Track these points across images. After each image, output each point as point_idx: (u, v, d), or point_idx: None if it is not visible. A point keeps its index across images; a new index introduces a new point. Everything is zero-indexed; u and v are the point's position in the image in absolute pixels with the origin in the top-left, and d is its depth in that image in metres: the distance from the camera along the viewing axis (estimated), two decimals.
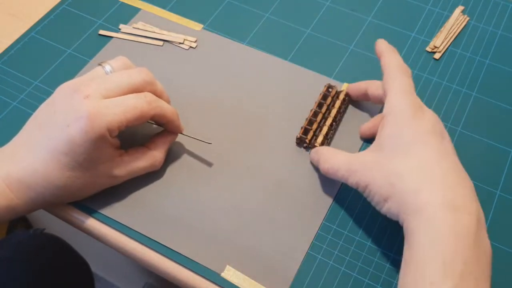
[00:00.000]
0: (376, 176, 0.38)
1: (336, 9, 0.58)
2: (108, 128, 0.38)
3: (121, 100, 0.39)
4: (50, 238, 0.58)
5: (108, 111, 0.38)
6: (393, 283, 0.40)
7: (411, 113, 0.39)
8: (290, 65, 0.53)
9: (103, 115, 0.38)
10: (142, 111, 0.40)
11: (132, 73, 0.41)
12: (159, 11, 0.57)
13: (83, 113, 0.37)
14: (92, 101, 0.38)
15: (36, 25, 0.56)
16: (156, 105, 0.41)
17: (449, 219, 0.34)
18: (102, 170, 0.40)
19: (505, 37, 0.56)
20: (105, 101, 0.38)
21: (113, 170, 0.41)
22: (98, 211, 0.43)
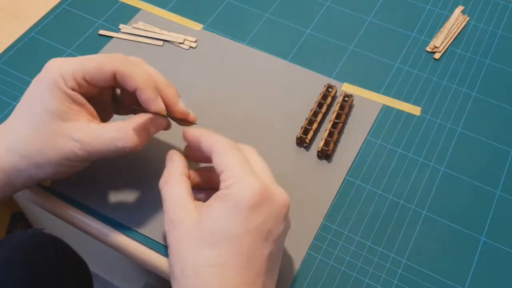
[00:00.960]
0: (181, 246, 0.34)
1: (336, 9, 0.58)
2: (62, 75, 0.37)
3: (83, 56, 0.39)
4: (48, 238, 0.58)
5: (64, 62, 0.37)
6: (393, 283, 0.40)
7: (249, 204, 0.33)
8: (290, 65, 0.53)
9: (58, 61, 0.37)
10: (101, 62, 0.37)
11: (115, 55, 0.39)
12: (159, 11, 0.57)
13: (44, 67, 0.37)
14: (56, 59, 0.38)
15: (36, 25, 0.56)
16: (119, 60, 0.38)
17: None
18: (62, 129, 0.37)
19: (505, 37, 0.56)
20: (67, 58, 0.38)
21: (75, 132, 0.37)
22: (98, 211, 0.43)
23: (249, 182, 0.34)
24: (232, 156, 0.36)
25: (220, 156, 0.36)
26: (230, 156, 0.36)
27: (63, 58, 0.38)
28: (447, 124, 0.49)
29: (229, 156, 0.36)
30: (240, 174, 0.34)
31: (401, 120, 0.49)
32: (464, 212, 0.44)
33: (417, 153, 0.47)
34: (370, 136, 0.48)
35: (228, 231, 0.33)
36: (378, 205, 0.44)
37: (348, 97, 0.49)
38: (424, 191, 0.45)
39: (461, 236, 0.43)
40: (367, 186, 0.45)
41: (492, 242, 0.43)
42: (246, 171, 0.35)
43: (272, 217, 0.34)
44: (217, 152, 0.36)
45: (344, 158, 0.47)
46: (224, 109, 0.49)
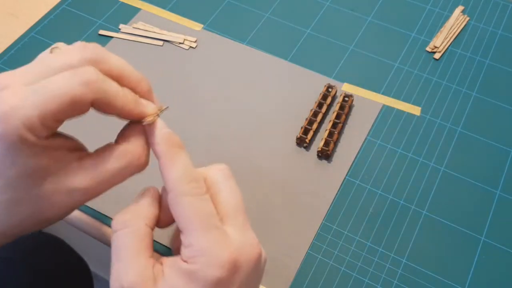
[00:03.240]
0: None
1: (336, 9, 0.58)
2: (26, 126, 0.26)
3: (44, 84, 0.27)
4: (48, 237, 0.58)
5: (24, 103, 0.26)
6: (393, 283, 0.40)
7: (220, 280, 0.28)
8: (290, 65, 0.53)
9: (17, 109, 0.26)
10: (73, 95, 0.27)
11: (71, 49, 0.29)
12: (159, 11, 0.57)
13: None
14: (8, 94, 0.27)
15: (36, 25, 0.56)
16: (99, 87, 0.28)
17: None
18: (53, 185, 0.29)
19: (505, 37, 0.56)
20: (24, 90, 0.27)
21: (70, 181, 0.29)
22: (98, 211, 0.43)
23: (215, 254, 0.28)
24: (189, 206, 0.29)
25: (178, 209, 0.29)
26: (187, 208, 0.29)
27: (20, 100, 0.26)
28: (447, 124, 0.49)
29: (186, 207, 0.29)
30: (204, 244, 0.28)
31: (401, 120, 0.49)
32: (464, 212, 0.44)
33: (417, 153, 0.47)
34: (370, 136, 0.48)
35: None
36: (378, 205, 0.44)
37: (348, 97, 0.49)
38: (424, 191, 0.45)
39: (461, 236, 0.43)
40: (367, 186, 0.45)
41: (492, 242, 0.43)
42: (212, 237, 0.28)
43: (246, 283, 0.29)
44: (175, 202, 0.29)
45: (344, 158, 0.47)
46: (224, 109, 0.49)
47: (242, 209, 0.31)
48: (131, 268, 0.28)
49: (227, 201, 0.31)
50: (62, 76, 0.28)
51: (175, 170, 0.30)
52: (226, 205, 0.31)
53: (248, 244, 0.30)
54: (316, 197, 0.44)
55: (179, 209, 0.29)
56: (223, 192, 0.31)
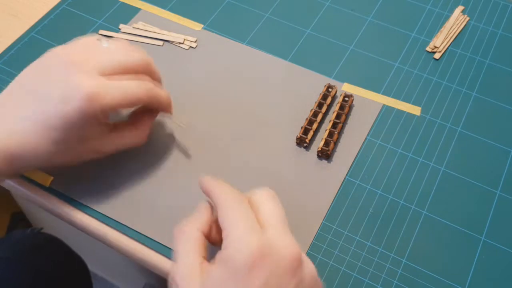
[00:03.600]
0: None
1: (336, 9, 0.58)
2: (104, 110, 0.38)
3: (120, 83, 0.39)
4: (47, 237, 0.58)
5: (106, 93, 0.37)
6: (393, 283, 0.40)
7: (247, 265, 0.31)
8: (290, 65, 0.53)
9: (102, 97, 0.37)
10: (139, 98, 0.40)
11: (130, 51, 0.41)
12: (159, 11, 0.57)
13: (82, 92, 0.36)
14: (91, 80, 0.37)
15: (36, 25, 0.56)
16: (154, 92, 0.41)
17: None
18: (90, 147, 0.40)
19: (505, 37, 0.56)
20: (104, 81, 0.38)
21: (101, 146, 0.41)
22: (98, 211, 0.43)
23: (245, 240, 0.31)
24: (233, 211, 0.33)
25: (221, 211, 0.34)
26: (230, 212, 0.33)
27: (104, 90, 0.37)
28: (447, 124, 0.49)
29: (229, 211, 0.33)
30: (238, 232, 0.32)
31: (401, 120, 0.49)
32: (464, 212, 0.44)
33: (417, 153, 0.47)
34: (370, 136, 0.48)
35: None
36: (378, 205, 0.44)
37: (348, 97, 0.49)
38: (424, 191, 0.45)
39: (461, 236, 0.43)
40: (367, 186, 0.45)
41: (492, 242, 0.43)
42: (245, 227, 0.32)
43: (276, 275, 0.31)
44: (220, 207, 0.34)
45: (344, 158, 0.47)
46: (224, 109, 0.49)
47: (284, 221, 0.34)
48: (181, 264, 0.33)
49: (270, 213, 0.34)
50: (133, 82, 0.39)
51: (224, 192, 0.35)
52: (268, 216, 0.34)
53: (284, 242, 0.32)
54: (316, 197, 0.44)
55: (225, 213, 0.33)
56: (266, 206, 0.35)
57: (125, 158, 0.45)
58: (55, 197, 0.44)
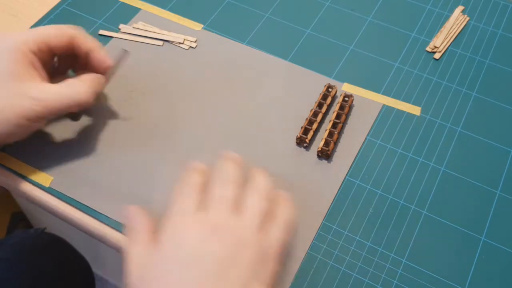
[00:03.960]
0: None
1: (336, 9, 0.58)
2: (25, 39, 0.40)
3: (42, 27, 0.42)
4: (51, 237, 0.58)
5: (27, 30, 0.41)
6: (393, 283, 0.40)
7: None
8: (290, 65, 0.53)
9: (22, 31, 0.41)
10: (59, 28, 0.42)
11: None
12: (159, 11, 0.57)
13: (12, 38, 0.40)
14: (19, 33, 0.41)
15: (36, 25, 0.56)
16: (72, 27, 0.43)
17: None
18: (20, 89, 0.39)
19: (505, 37, 0.56)
20: (28, 30, 0.41)
21: (33, 90, 0.39)
22: (98, 211, 0.43)
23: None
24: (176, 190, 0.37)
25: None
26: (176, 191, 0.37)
27: (27, 30, 0.41)
28: (447, 124, 0.49)
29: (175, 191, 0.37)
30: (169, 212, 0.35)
31: (401, 120, 0.49)
32: (464, 212, 0.44)
33: (417, 153, 0.47)
34: (370, 136, 0.48)
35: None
36: (378, 205, 0.44)
37: (348, 97, 0.49)
38: (424, 191, 0.45)
39: (461, 236, 0.43)
40: (367, 186, 0.45)
41: (492, 242, 0.43)
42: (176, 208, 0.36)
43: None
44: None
45: (344, 158, 0.47)
46: (224, 109, 0.49)
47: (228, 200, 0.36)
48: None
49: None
50: (53, 26, 0.42)
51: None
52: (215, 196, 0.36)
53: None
54: (316, 197, 0.44)
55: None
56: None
57: (125, 158, 0.45)
58: (55, 197, 0.44)
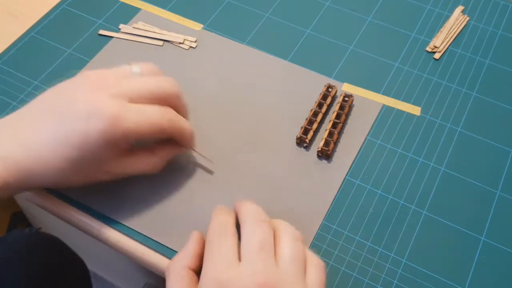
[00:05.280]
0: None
1: (336, 9, 0.58)
2: (125, 136, 0.37)
3: (144, 110, 0.38)
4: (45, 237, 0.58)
5: (130, 118, 0.37)
6: (393, 283, 0.40)
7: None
8: (290, 65, 0.53)
9: (125, 121, 0.37)
10: (161, 128, 0.39)
11: (161, 81, 0.40)
12: (159, 11, 0.57)
13: (106, 113, 0.36)
14: (116, 102, 0.37)
15: (36, 25, 0.56)
16: (177, 124, 0.40)
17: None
18: (104, 168, 0.40)
19: (505, 37, 0.56)
20: (129, 105, 0.37)
21: (114, 169, 0.40)
22: (97, 211, 0.43)
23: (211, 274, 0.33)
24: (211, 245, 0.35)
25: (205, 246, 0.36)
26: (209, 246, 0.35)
27: (125, 114, 0.37)
28: (447, 124, 0.49)
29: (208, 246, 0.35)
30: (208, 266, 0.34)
31: (401, 120, 0.49)
32: (464, 212, 0.44)
33: (417, 153, 0.47)
34: (370, 136, 0.48)
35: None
36: (378, 205, 0.44)
37: (348, 97, 0.49)
38: (424, 191, 0.45)
39: (461, 236, 0.43)
40: (367, 186, 0.45)
41: (492, 242, 0.43)
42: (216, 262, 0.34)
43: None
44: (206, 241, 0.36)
45: (344, 158, 0.47)
46: (224, 109, 0.49)
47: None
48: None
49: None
50: (157, 110, 0.39)
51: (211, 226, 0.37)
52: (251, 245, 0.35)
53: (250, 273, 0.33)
54: (316, 197, 0.44)
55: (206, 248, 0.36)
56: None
57: None
58: (55, 197, 0.44)
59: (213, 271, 0.33)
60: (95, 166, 0.39)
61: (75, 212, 0.43)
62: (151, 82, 0.40)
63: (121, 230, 0.42)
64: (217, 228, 0.36)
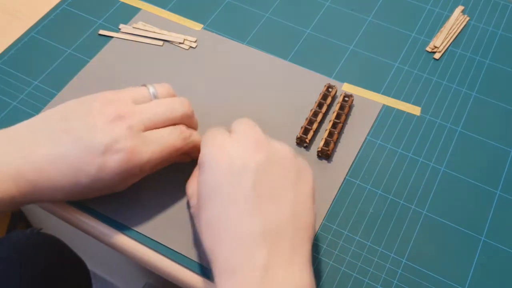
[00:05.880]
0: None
1: (336, 9, 0.58)
2: (141, 168, 0.38)
3: (159, 136, 0.39)
4: (46, 237, 0.58)
5: (146, 149, 0.38)
6: (393, 283, 0.40)
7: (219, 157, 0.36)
8: (290, 65, 0.53)
9: (141, 154, 0.38)
10: (176, 148, 0.40)
11: (175, 105, 0.41)
12: (159, 11, 0.57)
13: (123, 147, 0.37)
14: (134, 135, 0.38)
15: (36, 25, 0.56)
16: (190, 141, 0.41)
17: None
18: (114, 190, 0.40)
19: (505, 37, 0.56)
20: (145, 136, 0.39)
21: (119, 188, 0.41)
22: (98, 211, 0.43)
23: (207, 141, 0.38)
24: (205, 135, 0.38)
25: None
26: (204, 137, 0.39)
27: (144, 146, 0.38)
28: (447, 124, 0.49)
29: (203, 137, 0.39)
30: (204, 140, 0.38)
31: (401, 120, 0.49)
32: (464, 212, 0.44)
33: (417, 153, 0.47)
34: (370, 136, 0.48)
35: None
36: (378, 205, 0.44)
37: (348, 97, 0.49)
38: (424, 191, 0.45)
39: (461, 236, 0.43)
40: (367, 186, 0.45)
41: (492, 242, 0.43)
42: (209, 135, 0.38)
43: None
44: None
45: (344, 158, 0.47)
46: (224, 109, 0.49)
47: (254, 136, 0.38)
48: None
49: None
50: (171, 131, 0.40)
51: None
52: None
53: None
54: (316, 197, 0.44)
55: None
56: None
57: None
58: None
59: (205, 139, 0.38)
60: (105, 191, 0.40)
61: (76, 212, 0.43)
62: (166, 106, 0.41)
63: (121, 230, 0.42)
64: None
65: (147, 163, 0.39)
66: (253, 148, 0.36)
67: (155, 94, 0.42)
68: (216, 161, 0.35)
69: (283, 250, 0.33)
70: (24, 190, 0.37)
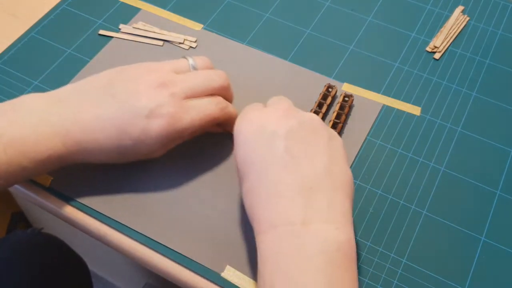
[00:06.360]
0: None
1: (336, 9, 0.58)
2: (181, 134, 0.41)
3: (199, 104, 0.42)
4: (47, 237, 0.58)
5: (187, 116, 0.40)
6: (393, 283, 0.40)
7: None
8: (290, 65, 0.53)
9: (181, 120, 0.40)
10: (214, 117, 0.42)
11: (213, 77, 0.44)
12: (159, 11, 0.57)
13: (166, 112, 0.39)
14: (176, 101, 0.40)
15: (36, 25, 0.56)
16: (227, 111, 0.44)
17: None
18: (153, 155, 0.42)
19: (505, 37, 0.56)
20: (186, 103, 0.41)
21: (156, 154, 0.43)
22: (98, 211, 0.43)
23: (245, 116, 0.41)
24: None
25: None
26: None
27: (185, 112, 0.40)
28: (447, 124, 0.49)
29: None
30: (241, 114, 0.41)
31: (401, 120, 0.49)
32: (464, 212, 0.44)
33: (417, 153, 0.47)
34: (370, 136, 0.48)
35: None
36: (378, 205, 0.44)
37: (348, 97, 0.49)
38: (424, 191, 0.45)
39: (461, 236, 0.43)
40: (367, 186, 0.45)
41: (492, 242, 0.43)
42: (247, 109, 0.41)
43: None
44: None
45: None
46: None
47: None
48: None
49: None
50: (209, 101, 0.42)
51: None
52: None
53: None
54: None
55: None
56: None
57: None
58: (55, 197, 0.44)
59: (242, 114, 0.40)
60: (146, 155, 0.42)
61: (75, 212, 0.43)
62: (205, 77, 0.43)
63: (121, 230, 0.42)
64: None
65: (186, 129, 0.41)
66: (283, 116, 0.38)
67: (194, 66, 0.44)
68: (249, 130, 0.38)
69: (321, 207, 0.34)
70: (71, 149, 0.39)
